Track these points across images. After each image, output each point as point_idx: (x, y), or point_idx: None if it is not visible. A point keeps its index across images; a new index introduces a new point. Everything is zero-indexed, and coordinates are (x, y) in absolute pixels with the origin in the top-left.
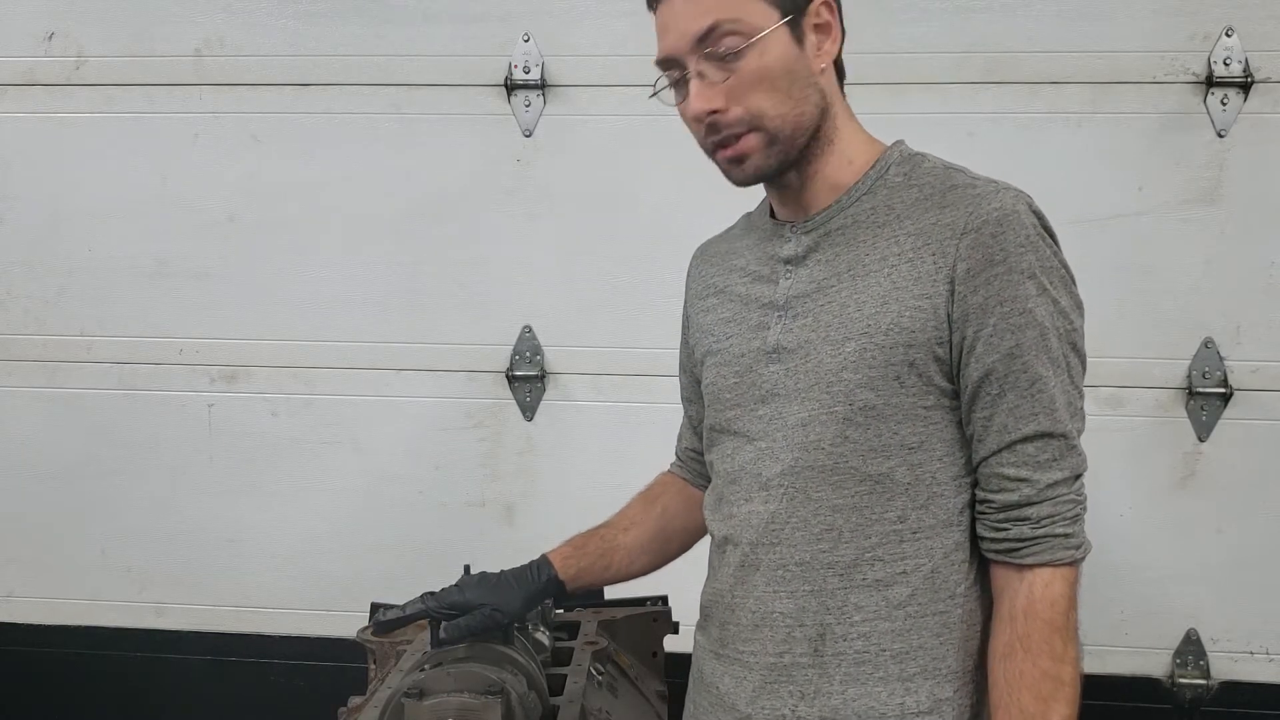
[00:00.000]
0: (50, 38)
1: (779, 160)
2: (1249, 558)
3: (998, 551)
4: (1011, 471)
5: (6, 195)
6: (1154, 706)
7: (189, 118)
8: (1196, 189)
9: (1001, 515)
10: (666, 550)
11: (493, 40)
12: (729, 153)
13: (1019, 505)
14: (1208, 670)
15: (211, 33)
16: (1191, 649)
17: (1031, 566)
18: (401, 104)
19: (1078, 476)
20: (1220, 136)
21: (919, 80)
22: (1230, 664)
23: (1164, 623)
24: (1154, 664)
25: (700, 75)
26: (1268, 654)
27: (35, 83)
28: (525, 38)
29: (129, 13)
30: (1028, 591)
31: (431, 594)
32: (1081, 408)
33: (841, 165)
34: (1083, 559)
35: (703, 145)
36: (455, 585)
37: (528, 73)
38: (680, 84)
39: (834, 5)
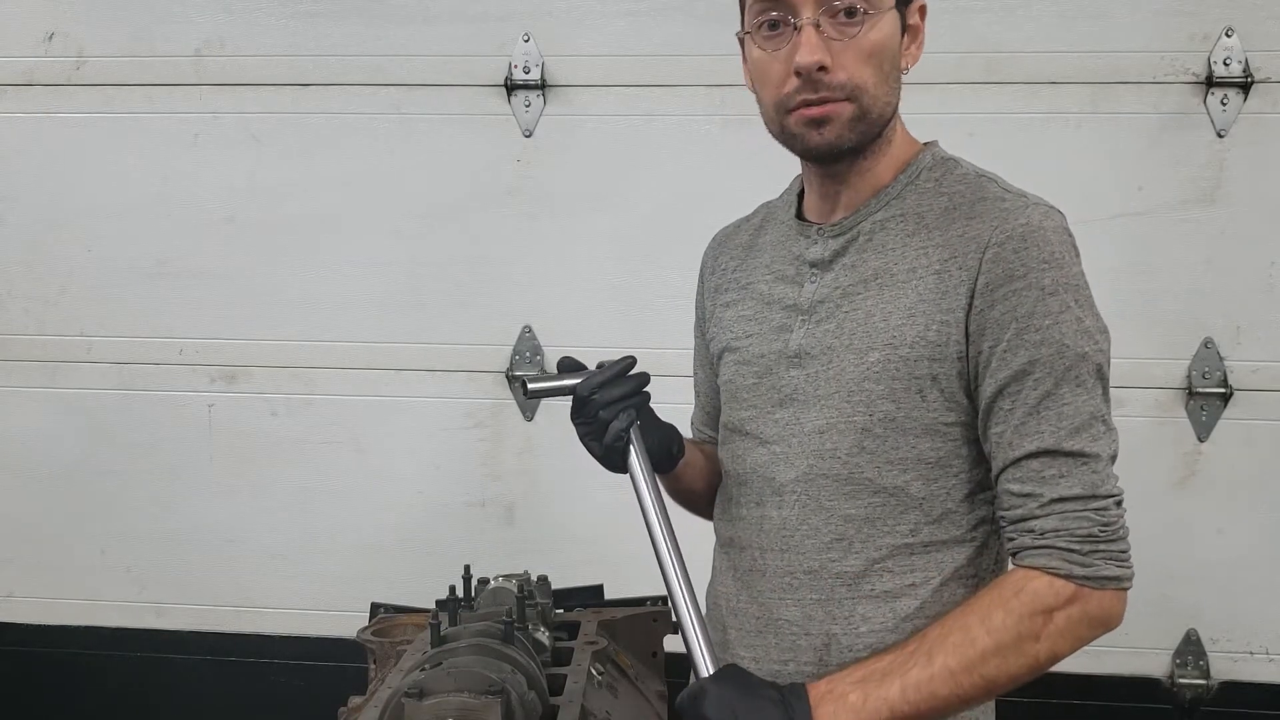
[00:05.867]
0: (50, 38)
1: (859, 138)
2: (1249, 558)
3: (1011, 556)
4: (1016, 488)
5: (6, 195)
6: (1154, 706)
7: (189, 118)
8: (1196, 189)
9: (1011, 528)
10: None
11: (493, 40)
12: (816, 111)
13: (1024, 519)
14: (1208, 670)
15: (211, 33)
16: (1191, 649)
17: (1026, 567)
18: (401, 104)
19: (1096, 496)
20: (1220, 136)
21: (919, 80)
22: (1230, 664)
23: (1164, 623)
24: (1154, 664)
25: (817, 27)
26: (1268, 654)
27: (35, 83)
28: (525, 38)
29: (129, 13)
30: (1012, 572)
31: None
32: (1103, 431)
33: (889, 166)
34: (1088, 582)
35: (780, 101)
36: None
37: (528, 73)
38: (778, 29)
39: (925, 13)
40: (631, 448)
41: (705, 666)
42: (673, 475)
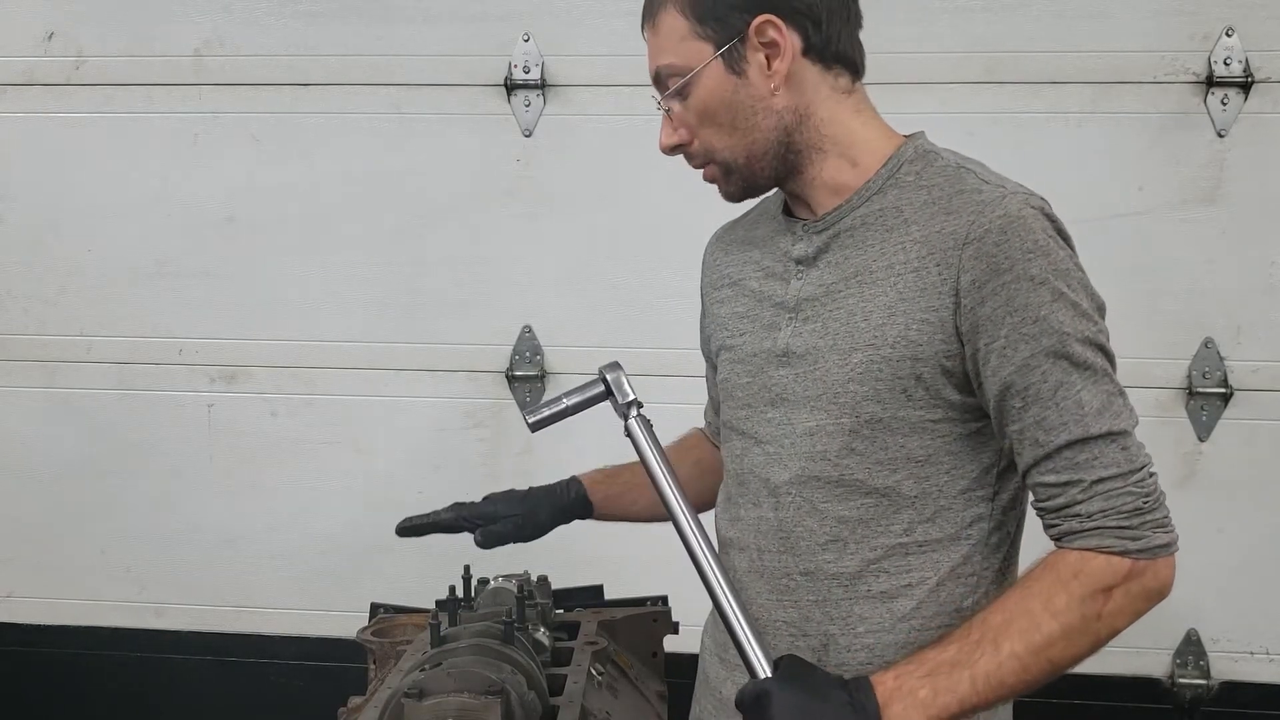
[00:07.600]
0: (50, 38)
1: (741, 187)
2: (1249, 558)
3: (1055, 540)
4: (1053, 478)
5: (6, 195)
6: (1154, 706)
7: (189, 118)
8: (1196, 189)
9: (1053, 516)
10: (697, 502)
11: (493, 40)
12: (705, 178)
13: (1067, 505)
14: (1208, 670)
15: (211, 33)
16: (1191, 649)
17: (1077, 549)
18: (401, 104)
19: (1133, 471)
20: (1220, 136)
21: (919, 80)
22: (1230, 664)
23: (1164, 623)
24: (1154, 664)
25: (669, 110)
26: (1268, 654)
27: (35, 83)
28: (525, 38)
29: (129, 13)
30: (1063, 553)
31: (461, 504)
32: (1122, 405)
33: (842, 169)
34: (1141, 554)
35: None
36: (484, 499)
37: (528, 73)
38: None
39: (779, 22)
40: (644, 442)
41: (761, 667)
42: (601, 516)
